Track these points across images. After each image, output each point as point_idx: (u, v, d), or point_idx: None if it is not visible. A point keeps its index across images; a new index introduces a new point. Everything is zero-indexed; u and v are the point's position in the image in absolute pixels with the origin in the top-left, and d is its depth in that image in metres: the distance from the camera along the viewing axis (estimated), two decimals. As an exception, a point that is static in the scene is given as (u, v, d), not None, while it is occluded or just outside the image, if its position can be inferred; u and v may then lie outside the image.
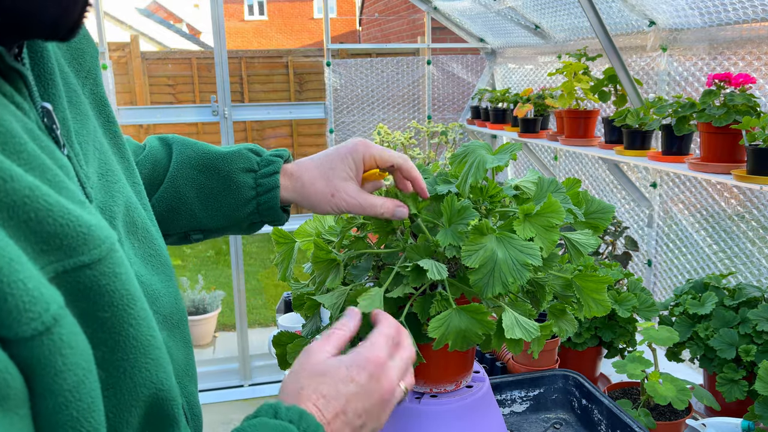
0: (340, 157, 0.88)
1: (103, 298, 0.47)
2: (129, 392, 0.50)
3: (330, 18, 3.39)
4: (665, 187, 2.27)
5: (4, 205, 0.40)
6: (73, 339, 0.42)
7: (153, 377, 0.52)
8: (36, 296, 0.39)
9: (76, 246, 0.44)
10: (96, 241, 0.46)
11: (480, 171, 0.85)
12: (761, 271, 1.85)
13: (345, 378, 0.62)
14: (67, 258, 0.44)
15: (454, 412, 0.90)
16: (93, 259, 0.46)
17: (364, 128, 3.56)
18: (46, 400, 0.41)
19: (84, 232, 0.45)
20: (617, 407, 1.20)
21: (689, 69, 2.07)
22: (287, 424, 0.56)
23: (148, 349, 0.51)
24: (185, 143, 0.93)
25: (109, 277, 0.47)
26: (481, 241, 0.78)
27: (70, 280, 0.44)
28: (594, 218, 0.93)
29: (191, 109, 3.37)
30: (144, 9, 11.94)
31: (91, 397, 0.43)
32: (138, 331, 0.50)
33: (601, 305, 0.91)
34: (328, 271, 0.87)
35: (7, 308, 0.38)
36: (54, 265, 0.43)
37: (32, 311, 0.39)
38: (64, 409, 0.41)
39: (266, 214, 0.91)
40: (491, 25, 3.29)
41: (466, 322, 0.78)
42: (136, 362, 0.50)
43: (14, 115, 0.47)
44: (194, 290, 4.25)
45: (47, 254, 0.43)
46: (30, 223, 0.42)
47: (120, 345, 0.49)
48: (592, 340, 1.58)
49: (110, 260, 0.47)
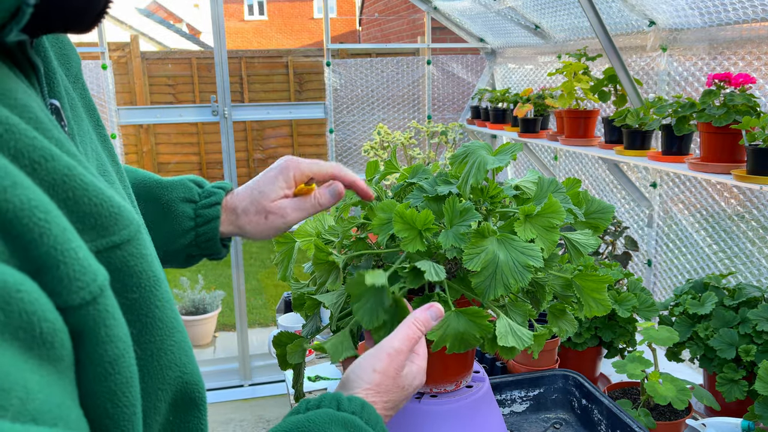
0: (269, 180, 0.88)
1: (131, 279, 0.48)
2: (156, 375, 0.51)
3: (330, 18, 3.39)
4: (665, 187, 2.27)
5: (46, 184, 0.41)
6: (116, 312, 0.43)
7: (177, 360, 0.53)
8: (85, 266, 0.40)
9: (108, 225, 0.46)
10: (125, 221, 0.47)
11: (481, 172, 0.85)
12: (761, 271, 1.85)
13: (402, 388, 0.71)
14: (100, 238, 0.45)
15: (454, 412, 0.90)
16: (123, 239, 0.47)
17: (364, 128, 3.55)
18: (87, 370, 0.42)
19: (115, 212, 0.46)
20: (617, 407, 1.20)
21: (689, 69, 2.07)
22: (350, 415, 0.61)
23: (172, 331, 0.52)
24: (126, 169, 0.91)
25: (137, 258, 0.48)
26: (483, 244, 0.78)
27: (103, 260, 0.45)
28: (594, 218, 0.93)
29: (191, 109, 3.37)
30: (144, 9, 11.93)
31: (129, 372, 0.44)
32: (163, 313, 0.51)
33: (601, 305, 0.91)
34: (329, 272, 0.87)
35: (59, 276, 0.39)
36: (89, 245, 0.44)
37: (81, 280, 0.40)
38: (103, 381, 0.42)
39: (205, 246, 0.90)
40: (491, 25, 3.29)
41: (465, 325, 0.78)
42: (162, 344, 0.51)
43: (37, 103, 0.48)
44: (194, 290, 4.25)
45: (83, 233, 0.44)
46: (68, 201, 0.43)
47: (147, 327, 0.50)
48: (592, 340, 1.58)
49: (138, 241, 0.48)
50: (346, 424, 0.60)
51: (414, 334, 0.72)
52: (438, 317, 0.75)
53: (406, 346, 0.71)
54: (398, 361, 0.70)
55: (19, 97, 0.45)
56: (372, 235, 0.92)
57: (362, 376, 0.69)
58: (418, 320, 0.74)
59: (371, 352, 0.71)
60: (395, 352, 0.70)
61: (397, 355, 0.70)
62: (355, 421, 0.61)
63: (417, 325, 0.73)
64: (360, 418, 0.62)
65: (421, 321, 0.74)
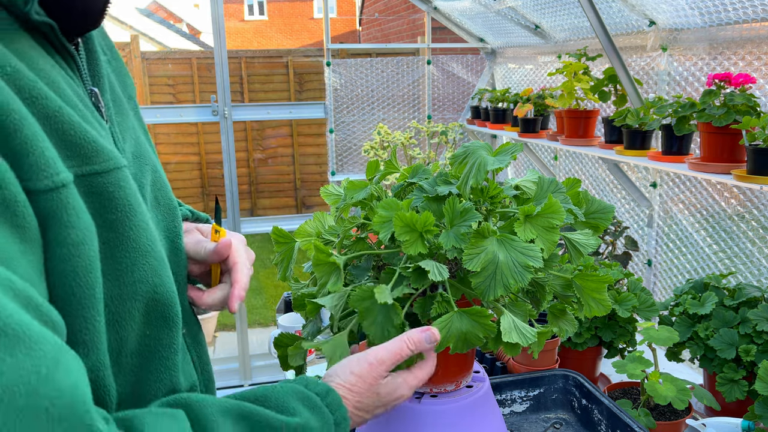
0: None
1: (110, 202, 0.60)
2: (129, 285, 0.62)
3: (330, 18, 3.39)
4: (665, 187, 2.27)
5: (41, 116, 0.54)
6: (78, 205, 0.55)
7: (149, 278, 0.64)
8: (50, 162, 0.53)
9: (90, 156, 0.58)
10: (105, 156, 0.60)
11: (481, 173, 0.85)
12: (761, 271, 1.85)
13: (378, 395, 0.74)
14: (84, 165, 0.58)
15: (454, 412, 0.90)
16: (103, 169, 0.59)
17: (364, 128, 3.56)
18: (54, 252, 0.53)
19: (97, 148, 0.59)
20: (617, 407, 1.20)
21: (689, 69, 2.07)
22: (312, 394, 0.67)
23: (146, 255, 0.64)
24: None
25: (115, 186, 0.61)
26: (483, 244, 0.78)
27: (86, 183, 0.58)
28: (594, 218, 0.93)
29: (191, 109, 3.37)
30: (144, 9, 11.92)
31: (89, 258, 0.56)
32: (138, 236, 0.63)
33: (601, 305, 0.91)
34: (329, 273, 0.87)
35: (28, 163, 0.51)
36: (74, 169, 0.57)
37: (46, 171, 0.52)
38: (68, 260, 0.54)
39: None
40: (491, 25, 3.29)
41: (468, 325, 0.78)
42: (136, 261, 0.63)
43: (63, 76, 0.61)
44: (194, 290, 4.24)
45: (70, 159, 0.57)
46: (59, 132, 0.56)
47: (123, 244, 0.62)
48: (592, 340, 1.58)
49: (117, 175, 0.61)
50: (304, 399, 0.66)
51: (402, 352, 0.76)
52: (432, 341, 0.77)
53: (390, 359, 0.75)
54: (378, 371, 0.74)
55: (42, 66, 0.58)
56: (372, 235, 0.92)
57: (340, 374, 0.74)
58: (411, 340, 0.76)
59: (358, 355, 0.76)
60: (377, 362, 0.74)
61: (378, 365, 0.74)
62: (313, 399, 0.67)
63: (408, 344, 0.76)
64: (321, 399, 0.68)
65: (414, 341, 0.77)
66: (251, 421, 0.61)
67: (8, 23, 0.57)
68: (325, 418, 0.67)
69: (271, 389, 0.67)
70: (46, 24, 0.60)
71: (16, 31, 0.58)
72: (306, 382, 0.70)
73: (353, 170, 3.59)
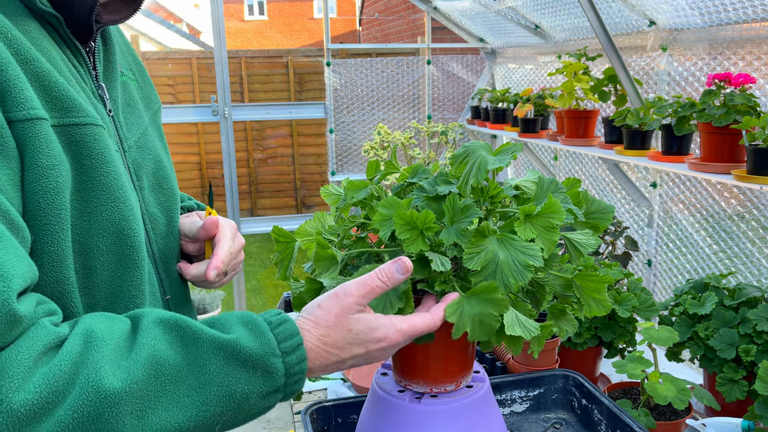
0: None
1: (85, 150, 0.71)
2: (97, 222, 0.73)
3: (330, 18, 3.39)
4: (665, 187, 2.27)
5: (33, 75, 0.68)
6: (50, 138, 0.67)
7: (117, 222, 0.74)
8: (29, 100, 0.65)
9: (70, 110, 0.71)
10: (84, 113, 0.72)
11: (481, 172, 0.84)
12: (761, 271, 1.85)
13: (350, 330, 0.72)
14: (64, 117, 0.70)
15: (454, 412, 0.90)
16: (81, 122, 0.71)
17: (364, 128, 3.56)
18: (28, 172, 0.65)
19: (76, 104, 0.71)
20: (617, 407, 1.20)
21: (689, 69, 2.07)
22: (260, 320, 0.69)
23: (115, 201, 0.74)
24: None
25: (91, 138, 0.72)
26: (483, 243, 0.78)
27: (66, 132, 0.70)
28: (594, 218, 0.93)
29: (191, 109, 3.37)
30: (144, 9, 11.92)
31: (57, 182, 0.67)
32: (109, 182, 0.74)
33: (601, 305, 0.91)
34: (329, 269, 0.87)
35: (10, 98, 0.64)
36: (56, 119, 0.69)
37: (24, 105, 0.65)
38: (39, 180, 0.65)
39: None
40: (491, 25, 3.29)
41: (479, 305, 0.77)
42: (105, 203, 0.73)
43: (60, 54, 0.74)
44: (194, 290, 4.25)
45: (53, 111, 0.69)
46: (44, 89, 0.69)
47: (95, 186, 0.72)
48: (592, 340, 1.58)
49: (94, 130, 0.73)
50: (248, 323, 0.68)
51: (372, 282, 0.72)
52: (404, 271, 0.74)
53: (359, 291, 0.72)
54: (346, 303, 0.72)
55: (42, 44, 0.71)
56: (372, 235, 0.92)
57: (308, 308, 0.74)
58: (383, 271, 0.73)
59: (327, 292, 0.74)
60: (344, 293, 0.72)
61: (345, 297, 0.72)
62: (256, 322, 0.68)
63: (379, 274, 0.73)
64: (267, 325, 0.68)
65: (385, 272, 0.73)
66: (180, 332, 0.65)
67: (22, 11, 0.71)
68: (266, 342, 0.66)
69: (222, 316, 0.70)
70: (52, 15, 0.72)
71: (28, 18, 0.71)
72: (266, 313, 0.71)
73: (353, 170, 3.59)
